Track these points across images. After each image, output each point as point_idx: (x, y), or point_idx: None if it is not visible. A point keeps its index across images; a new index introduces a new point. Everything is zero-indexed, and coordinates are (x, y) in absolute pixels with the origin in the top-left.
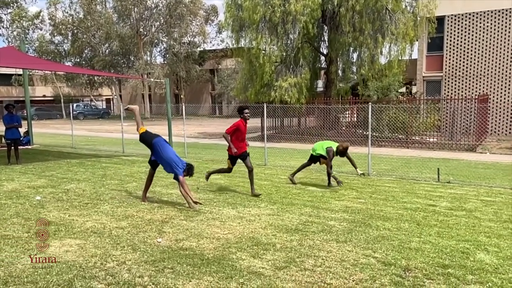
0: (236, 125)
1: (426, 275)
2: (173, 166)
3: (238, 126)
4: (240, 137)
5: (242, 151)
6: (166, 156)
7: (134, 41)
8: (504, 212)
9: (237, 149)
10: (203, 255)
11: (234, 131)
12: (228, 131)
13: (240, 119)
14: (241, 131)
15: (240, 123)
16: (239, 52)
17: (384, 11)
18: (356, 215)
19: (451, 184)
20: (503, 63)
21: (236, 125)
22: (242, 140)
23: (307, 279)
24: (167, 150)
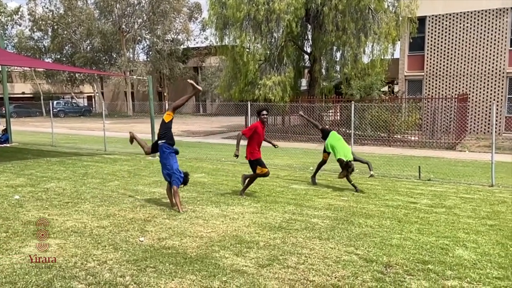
0: (254, 126)
1: (406, 271)
2: (173, 175)
3: (256, 128)
4: (258, 140)
5: (257, 157)
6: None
7: (116, 38)
8: (482, 209)
9: (253, 153)
10: (186, 253)
11: (252, 133)
12: (245, 132)
13: (258, 121)
14: (259, 133)
15: (258, 125)
16: (223, 50)
17: (367, 10)
18: (338, 212)
19: (431, 181)
20: (481, 63)
21: (254, 127)
22: (259, 143)
23: (290, 276)
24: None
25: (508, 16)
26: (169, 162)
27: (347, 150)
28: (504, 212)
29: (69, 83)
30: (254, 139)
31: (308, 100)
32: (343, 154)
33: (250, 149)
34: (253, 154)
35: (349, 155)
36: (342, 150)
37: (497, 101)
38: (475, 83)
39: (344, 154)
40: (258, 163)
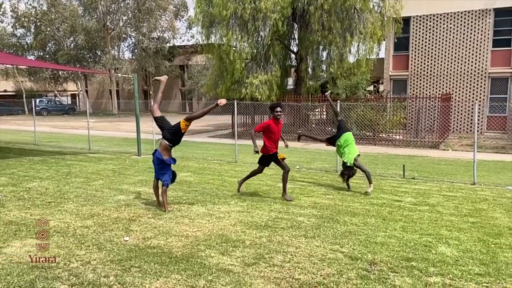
0: (266, 124)
1: (391, 268)
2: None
3: (268, 125)
4: (273, 137)
5: (273, 152)
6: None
7: (100, 35)
8: (464, 207)
9: (269, 149)
10: (171, 253)
11: (263, 130)
12: (256, 129)
13: (271, 118)
14: (273, 131)
15: (271, 122)
16: (209, 48)
17: (353, 10)
18: (324, 211)
19: (415, 180)
20: (464, 64)
21: (266, 124)
22: (274, 141)
23: (275, 275)
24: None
25: (490, 17)
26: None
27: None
28: (485, 210)
29: (52, 81)
30: (268, 137)
31: (294, 99)
32: (349, 159)
33: (267, 146)
34: (267, 149)
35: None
36: (351, 154)
37: (479, 101)
38: (458, 83)
39: (349, 159)
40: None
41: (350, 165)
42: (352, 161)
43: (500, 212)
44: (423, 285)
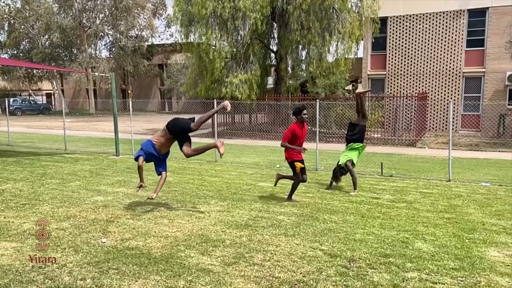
0: (291, 130)
1: (369, 265)
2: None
3: (293, 130)
4: (297, 142)
5: (297, 158)
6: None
7: (76, 33)
8: (440, 203)
9: (293, 155)
10: (150, 254)
11: (291, 138)
12: (285, 139)
13: (295, 122)
14: (298, 135)
15: (295, 127)
16: (188, 47)
17: (331, 10)
18: (304, 209)
19: (393, 177)
20: (440, 63)
21: (291, 130)
22: (301, 145)
23: (256, 273)
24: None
25: (464, 18)
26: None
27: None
28: (460, 206)
29: (26, 80)
30: (293, 142)
31: (274, 98)
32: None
33: (290, 153)
34: (292, 156)
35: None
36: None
37: (454, 100)
38: (434, 82)
39: (342, 160)
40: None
41: (342, 165)
42: (344, 161)
43: (474, 207)
44: (401, 280)
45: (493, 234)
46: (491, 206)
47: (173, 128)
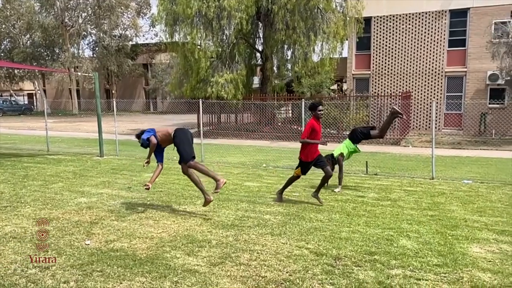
0: (310, 125)
1: (354, 263)
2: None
3: (313, 126)
4: (317, 138)
5: (316, 156)
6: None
7: (58, 32)
8: (424, 201)
9: (309, 155)
10: (135, 255)
11: (311, 133)
12: (304, 136)
13: (312, 118)
14: (317, 130)
15: (314, 122)
16: (173, 46)
17: (316, 10)
18: (290, 208)
19: (378, 176)
20: (423, 63)
21: (311, 125)
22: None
23: (242, 273)
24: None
25: (446, 18)
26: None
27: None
28: (443, 203)
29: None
30: (313, 137)
31: (260, 98)
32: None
33: (307, 150)
34: (308, 155)
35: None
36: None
37: (437, 99)
38: (417, 81)
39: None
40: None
41: (334, 156)
42: (337, 154)
43: (457, 205)
44: (385, 277)
45: (475, 230)
46: (473, 203)
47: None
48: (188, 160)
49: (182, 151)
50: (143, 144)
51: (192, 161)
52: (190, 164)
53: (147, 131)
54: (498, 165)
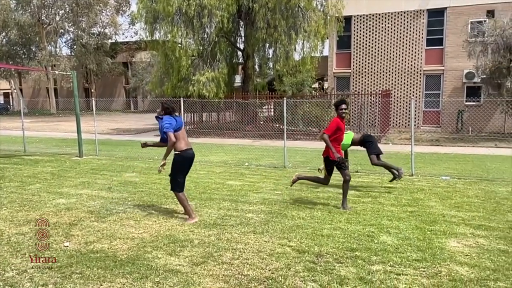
0: (335, 123)
1: (336, 259)
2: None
3: (338, 124)
4: (340, 138)
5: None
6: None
7: (35, 30)
8: (403, 197)
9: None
10: (116, 256)
11: (335, 131)
12: (328, 131)
13: (337, 116)
14: (341, 129)
15: (339, 120)
16: (154, 45)
17: (297, 8)
18: (273, 206)
19: (359, 173)
20: (402, 62)
21: (336, 122)
22: (340, 141)
23: (224, 272)
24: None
25: (424, 18)
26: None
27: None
28: (422, 199)
29: None
30: (337, 137)
31: (242, 97)
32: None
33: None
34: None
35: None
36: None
37: (416, 97)
38: (396, 80)
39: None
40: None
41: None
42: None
43: (435, 200)
44: (366, 273)
45: (452, 225)
46: (450, 199)
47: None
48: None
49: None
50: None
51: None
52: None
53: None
54: (474, 162)
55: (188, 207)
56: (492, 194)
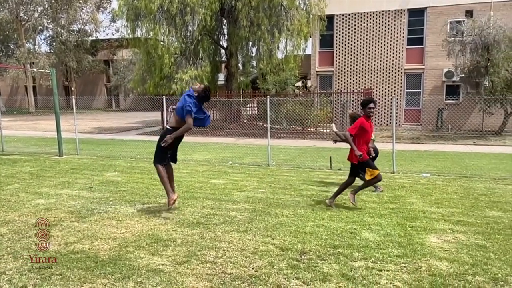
0: (360, 122)
1: (319, 256)
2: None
3: (362, 123)
4: (365, 138)
5: (366, 158)
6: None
7: (13, 27)
8: (385, 194)
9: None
10: (97, 257)
11: (359, 130)
12: (352, 130)
13: (363, 116)
14: (366, 129)
15: (364, 121)
16: (135, 42)
17: (280, 7)
18: (256, 204)
19: (341, 171)
20: (383, 60)
21: (360, 123)
22: (367, 142)
23: (208, 271)
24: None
25: (405, 17)
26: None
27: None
28: (403, 196)
29: None
30: (361, 137)
31: (225, 95)
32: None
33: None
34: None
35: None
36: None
37: (397, 95)
38: (378, 78)
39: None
40: (368, 165)
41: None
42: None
43: (416, 197)
44: (349, 270)
45: (432, 221)
46: (431, 196)
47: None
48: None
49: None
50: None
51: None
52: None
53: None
54: (454, 159)
55: (166, 185)
56: (470, 191)
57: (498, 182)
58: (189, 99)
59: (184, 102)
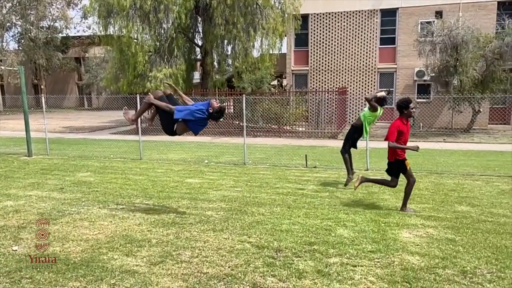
0: (395, 126)
1: (295, 254)
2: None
3: (399, 127)
4: (404, 139)
5: (402, 157)
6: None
7: None
8: (359, 191)
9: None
10: (69, 259)
11: (397, 135)
12: (392, 138)
13: (399, 118)
14: (403, 132)
15: (399, 123)
16: (108, 40)
17: (255, 6)
18: (232, 203)
19: (317, 168)
20: (357, 60)
21: (396, 127)
22: (405, 142)
23: (183, 271)
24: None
25: (378, 17)
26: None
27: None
28: (377, 193)
29: None
30: (399, 139)
31: (201, 93)
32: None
33: (394, 152)
34: (400, 154)
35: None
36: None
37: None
38: (352, 77)
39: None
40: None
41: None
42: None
43: (389, 194)
44: (324, 266)
45: (405, 217)
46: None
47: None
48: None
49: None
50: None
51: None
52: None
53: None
54: (425, 156)
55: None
56: (441, 187)
57: (467, 178)
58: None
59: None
